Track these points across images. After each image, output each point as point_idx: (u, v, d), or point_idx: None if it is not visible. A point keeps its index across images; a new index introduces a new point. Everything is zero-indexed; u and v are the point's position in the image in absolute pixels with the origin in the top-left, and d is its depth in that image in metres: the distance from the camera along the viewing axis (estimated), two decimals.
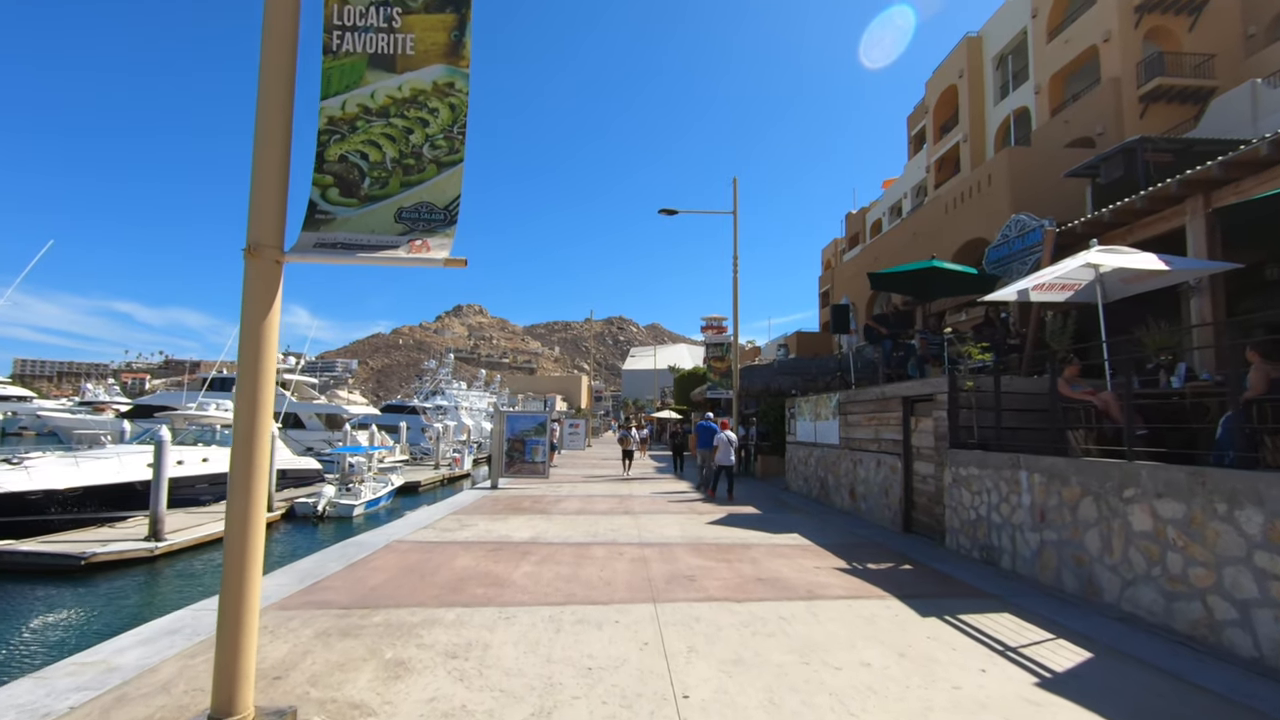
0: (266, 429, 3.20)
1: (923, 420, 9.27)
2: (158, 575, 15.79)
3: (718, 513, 11.58)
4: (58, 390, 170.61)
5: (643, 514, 11.31)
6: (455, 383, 65.66)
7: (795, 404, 15.45)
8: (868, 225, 48.61)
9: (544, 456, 15.75)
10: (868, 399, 11.08)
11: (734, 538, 8.98)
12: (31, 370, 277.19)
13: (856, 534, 9.51)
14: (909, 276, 12.13)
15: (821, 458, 13.35)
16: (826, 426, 13.12)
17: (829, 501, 12.81)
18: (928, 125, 33.84)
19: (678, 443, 22.19)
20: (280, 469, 27.66)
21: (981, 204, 22.10)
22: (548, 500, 13.06)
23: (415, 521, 10.06)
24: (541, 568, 6.92)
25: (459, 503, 12.52)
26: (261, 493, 3.16)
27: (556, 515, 11.01)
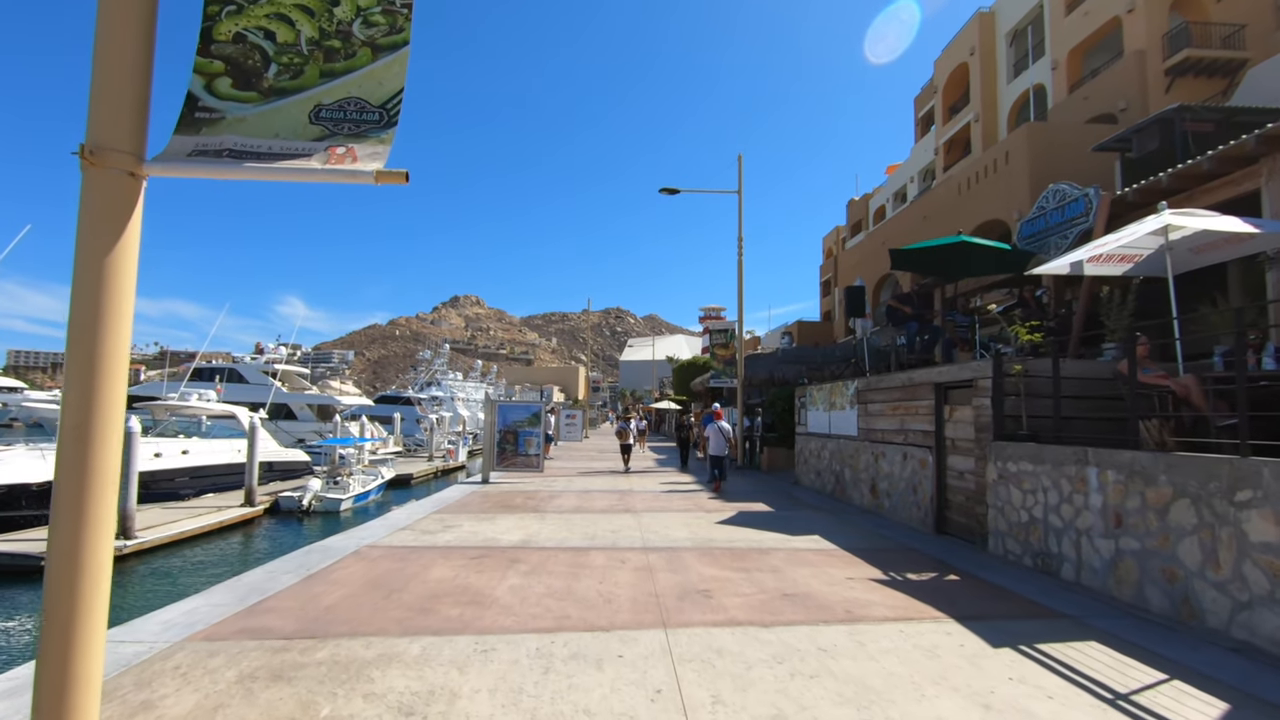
0: (112, 418, 2.19)
1: (959, 409, 8.29)
2: (127, 576, 14.81)
3: (726, 511, 10.61)
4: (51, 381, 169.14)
5: (645, 512, 10.34)
6: (451, 373, 64.62)
7: (806, 393, 14.48)
8: (871, 212, 47.58)
9: (538, 449, 14.77)
10: (892, 386, 10.10)
11: (748, 540, 8.01)
12: (26, 361, 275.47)
13: (883, 536, 8.54)
14: (935, 253, 11.12)
15: (837, 450, 12.38)
16: (843, 417, 12.15)
17: (846, 498, 11.85)
18: (936, 106, 32.73)
19: (684, 435, 20.02)
20: (266, 461, 26.65)
21: (999, 183, 21.06)
22: (542, 496, 12.08)
23: (393, 522, 9.06)
24: (531, 580, 5.94)
25: (445, 499, 11.53)
26: (105, 510, 2.16)
27: (551, 514, 10.03)
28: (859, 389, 11.40)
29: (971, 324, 10.20)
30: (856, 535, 8.54)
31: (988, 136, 27.93)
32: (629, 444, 18.67)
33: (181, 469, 21.64)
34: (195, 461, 22.22)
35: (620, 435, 19.01)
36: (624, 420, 20.05)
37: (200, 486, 22.31)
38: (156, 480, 20.75)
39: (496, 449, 14.81)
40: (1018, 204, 19.37)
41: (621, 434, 18.94)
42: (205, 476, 22.69)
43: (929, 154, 33.77)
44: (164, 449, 21.18)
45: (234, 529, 19.18)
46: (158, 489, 20.87)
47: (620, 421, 20.18)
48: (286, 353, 48.89)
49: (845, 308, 14.13)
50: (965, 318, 10.60)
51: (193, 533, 17.11)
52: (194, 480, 22.24)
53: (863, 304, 14.27)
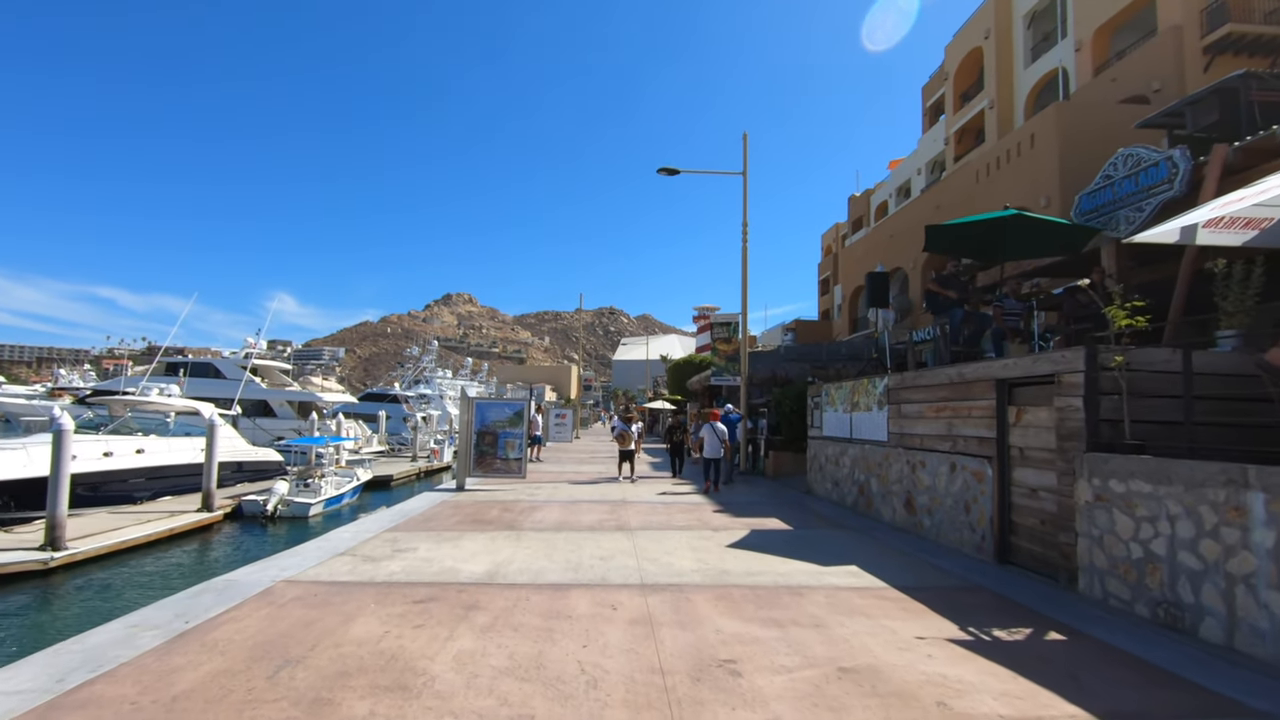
0: None
1: (1031, 411, 6.72)
2: (52, 593, 13.09)
3: (736, 528, 9.01)
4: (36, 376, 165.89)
5: (641, 530, 8.72)
6: (440, 371, 62.74)
7: (822, 391, 12.90)
8: (872, 208, 46.20)
9: (520, 452, 13.12)
10: (935, 384, 8.52)
11: (772, 573, 6.41)
12: (11, 355, 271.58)
13: (935, 566, 6.96)
14: (979, 230, 9.57)
15: (861, 457, 10.80)
16: (868, 419, 10.57)
17: (873, 513, 10.28)
18: (947, 94, 31.25)
19: (677, 439, 17.42)
20: (235, 461, 24.94)
21: (1022, 168, 19.55)
22: (521, 508, 10.45)
23: (334, 544, 7.41)
24: (487, 643, 4.31)
25: (408, 511, 9.88)
26: None
27: (528, 532, 8.40)
28: (890, 387, 9.82)
29: (1028, 310, 8.67)
30: (902, 565, 6.95)
31: (1004, 124, 26.46)
32: (630, 450, 16.01)
33: (136, 469, 19.86)
34: (152, 461, 20.44)
35: (621, 439, 16.33)
36: (625, 421, 17.21)
37: (157, 489, 20.54)
38: (107, 482, 19.00)
39: (473, 451, 13.15)
40: (1046, 189, 17.82)
41: (622, 437, 16.25)
42: (164, 478, 20.92)
43: (938, 144, 32.30)
44: (116, 447, 19.41)
45: (190, 536, 17.46)
46: (109, 491, 19.11)
47: (620, 423, 17.41)
48: (266, 348, 47.05)
49: (865, 295, 12.58)
50: (1017, 303, 9.04)
51: (136, 542, 15.38)
52: (151, 482, 20.47)
53: (886, 292, 12.72)
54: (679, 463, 17.00)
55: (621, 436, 16.28)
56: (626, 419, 17.40)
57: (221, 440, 24.27)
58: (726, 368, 18.01)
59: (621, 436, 16.28)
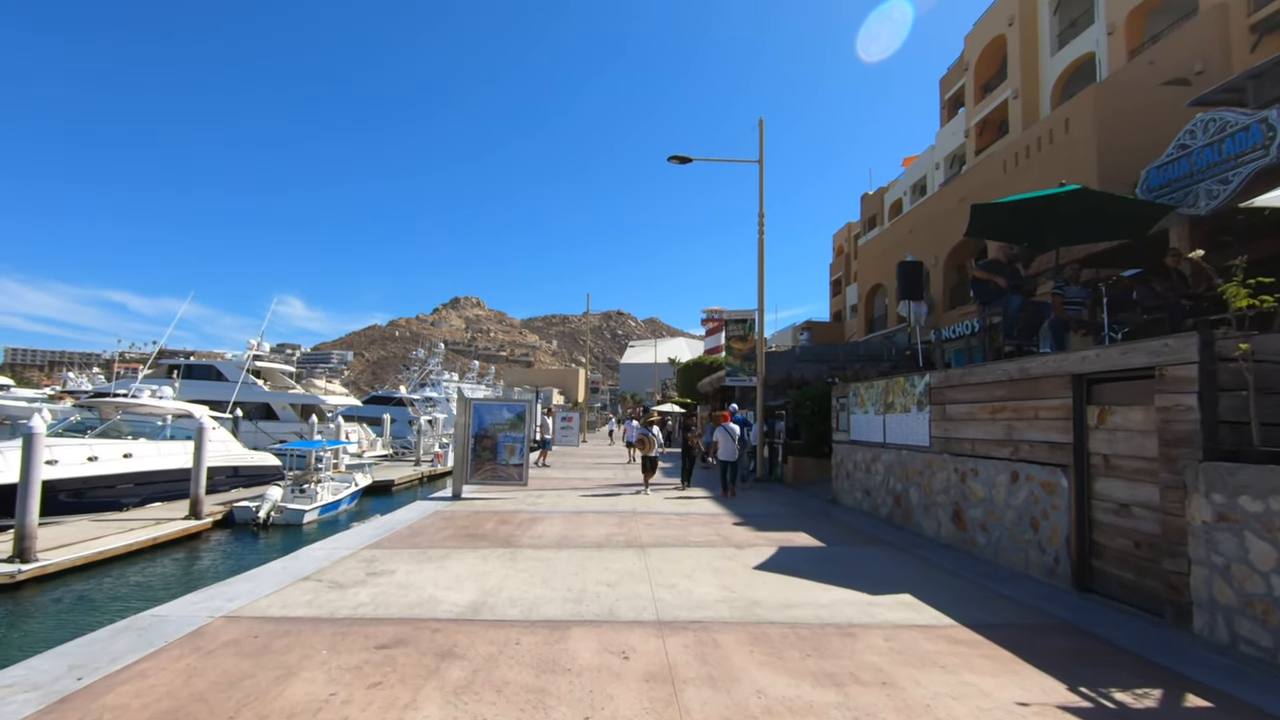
0: None
1: (1120, 412, 5.65)
2: (19, 609, 12.18)
3: (761, 544, 7.96)
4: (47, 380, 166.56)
5: (654, 547, 7.69)
6: (447, 373, 61.92)
7: (849, 391, 11.83)
8: (886, 206, 45.10)
9: (521, 458, 12.12)
10: (989, 381, 7.45)
11: (811, 602, 5.37)
12: (23, 359, 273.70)
13: (1002, 595, 5.89)
14: (1032, 209, 8.50)
15: (897, 464, 9.73)
16: (905, 421, 9.50)
17: (912, 525, 9.20)
18: (967, 85, 30.12)
19: (691, 443, 15.78)
20: (231, 465, 24.11)
21: (1056, 155, 18.42)
22: (520, 520, 9.44)
23: (301, 565, 6.42)
24: (459, 711, 3.30)
25: (394, 523, 8.89)
26: None
27: (526, 549, 7.38)
28: (932, 386, 8.76)
29: (1094, 297, 7.60)
30: (961, 593, 5.89)
31: (1029, 114, 25.32)
32: (653, 456, 14.18)
33: (123, 475, 18.99)
34: (141, 466, 19.57)
35: (641, 444, 14.66)
36: (645, 424, 15.59)
37: (146, 494, 19.66)
38: (92, 488, 18.13)
39: (471, 457, 12.16)
40: (1082, 176, 16.68)
41: (643, 442, 14.57)
42: (153, 483, 20.03)
43: (958, 137, 31.15)
44: (101, 451, 18.54)
45: (176, 545, 16.55)
46: (95, 498, 18.26)
47: (639, 425, 15.67)
48: (269, 348, 46.29)
49: (898, 287, 11.53)
50: (1080, 290, 7.96)
51: (115, 553, 14.47)
52: (140, 488, 19.59)
53: (919, 283, 11.65)
54: (689, 468, 15.34)
55: (642, 441, 14.73)
56: (648, 422, 15.88)
57: (215, 444, 23.47)
58: (741, 368, 16.96)
59: (642, 441, 14.73)
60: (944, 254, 24.66)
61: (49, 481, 16.79)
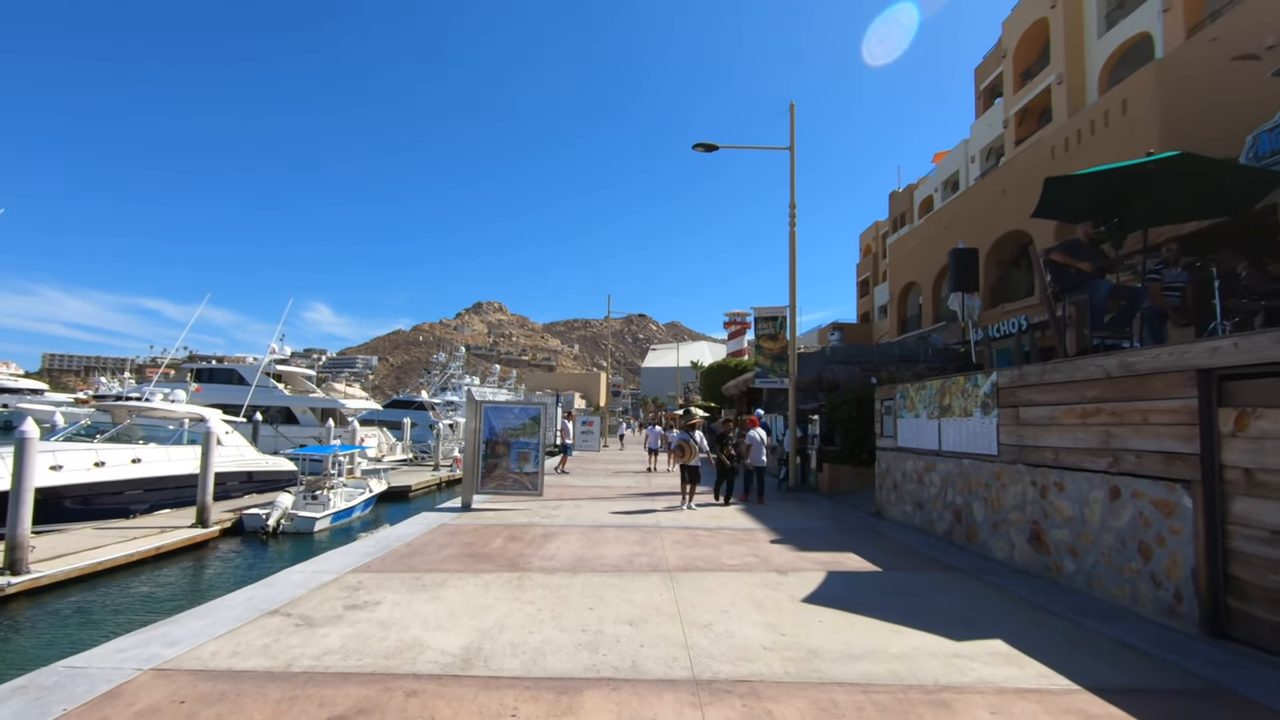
0: None
1: (1269, 416, 4.53)
2: (9, 623, 11.52)
3: (805, 568, 6.90)
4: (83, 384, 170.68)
5: (682, 571, 6.67)
6: (468, 377, 61.48)
7: (895, 393, 10.70)
8: (916, 204, 43.65)
9: (535, 465, 11.18)
10: (1079, 379, 6.32)
11: (882, 651, 4.32)
12: (60, 365, 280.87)
13: (1115, 640, 4.77)
14: (1117, 181, 7.35)
15: (957, 475, 8.60)
16: (966, 426, 8.38)
17: (976, 545, 8.06)
18: (1005, 72, 28.70)
19: (729, 450, 12.71)
20: (245, 471, 23.59)
21: (1112, 139, 17.07)
22: (532, 536, 8.48)
23: (271, 595, 5.52)
24: None
25: (390, 540, 7.98)
26: None
27: (535, 574, 6.41)
28: (1001, 386, 7.63)
29: (1193, 282, 6.44)
30: (1064, 638, 4.78)
31: (1074, 100, 23.89)
32: (695, 465, 11.77)
33: (131, 480, 18.46)
34: (150, 471, 19.04)
35: (681, 452, 11.91)
36: (686, 428, 12.70)
37: (155, 501, 19.13)
38: (99, 494, 17.61)
39: (481, 464, 11.25)
40: None
41: (683, 449, 11.87)
42: (164, 489, 19.49)
43: (995, 128, 29.71)
44: (109, 457, 18.03)
45: (183, 554, 15.92)
46: (102, 504, 17.73)
47: (678, 431, 12.91)
48: (289, 352, 46.12)
49: (950, 277, 10.39)
50: (1179, 273, 6.80)
51: (114, 563, 13.81)
52: (149, 494, 19.06)
53: (974, 272, 10.48)
54: (728, 484, 12.57)
55: (682, 448, 11.92)
56: (689, 425, 12.84)
57: (228, 449, 22.97)
58: (772, 369, 15.88)
59: (682, 448, 11.92)
60: (984, 248, 23.28)
61: (53, 488, 16.33)
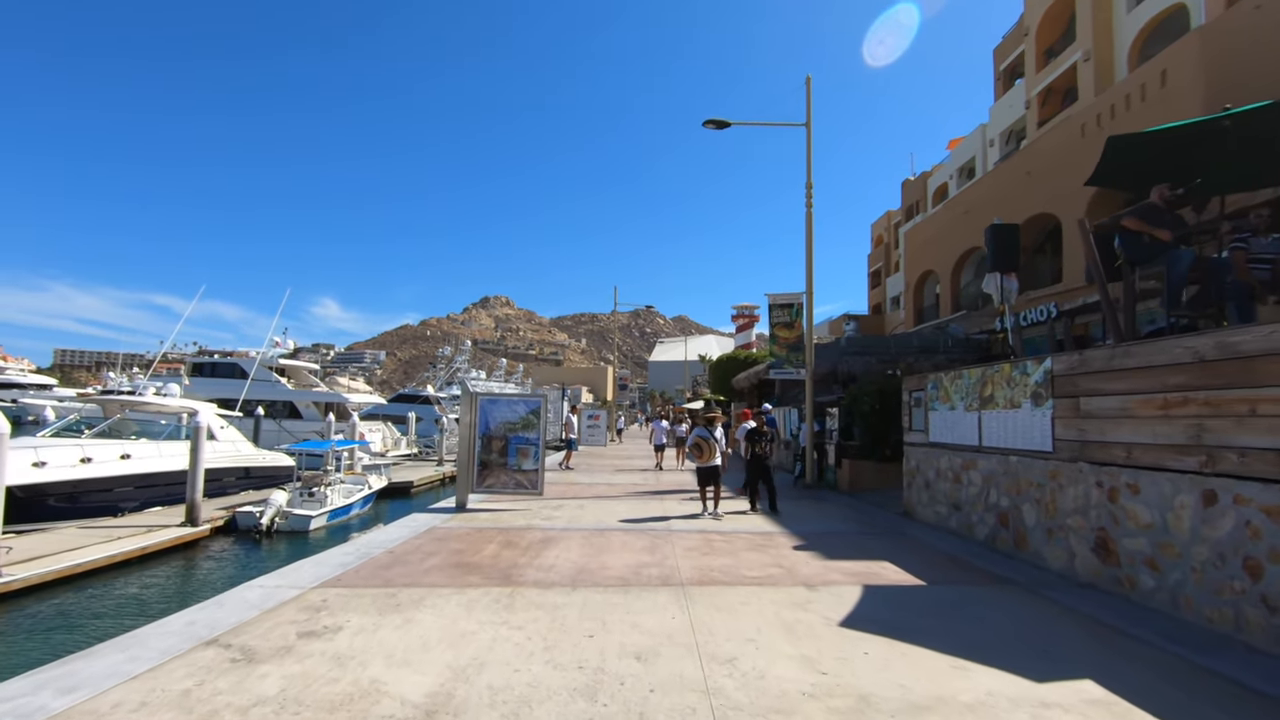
0: None
1: None
2: None
3: (836, 578, 6.04)
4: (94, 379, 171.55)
5: (697, 586, 5.82)
6: (474, 371, 60.86)
7: (927, 383, 9.81)
8: (929, 192, 42.54)
9: (535, 462, 10.37)
10: (1161, 363, 5.42)
11: (951, 699, 3.47)
12: (71, 360, 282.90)
13: (1231, 679, 3.88)
14: (1193, 139, 6.43)
15: (1001, 474, 7.71)
16: (1012, 419, 7.48)
17: (1027, 553, 7.17)
18: (1027, 51, 27.55)
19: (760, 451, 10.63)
20: (242, 466, 22.94)
21: (1150, 112, 16.01)
22: (529, 541, 7.66)
23: (219, 615, 4.71)
24: None
25: (370, 547, 7.17)
26: None
27: (529, 589, 5.58)
28: (1056, 373, 6.73)
29: None
30: (1169, 677, 3.91)
31: (1102, 77, 22.77)
32: (714, 466, 10.03)
33: (121, 477, 17.79)
34: (140, 468, 18.36)
35: (699, 451, 10.09)
36: (705, 422, 10.78)
37: (146, 498, 18.45)
38: (85, 492, 16.93)
39: (477, 462, 10.44)
40: None
41: (700, 448, 10.07)
42: (155, 486, 18.81)
43: (1016, 110, 28.59)
44: (96, 453, 17.36)
45: (174, 553, 15.24)
46: (90, 502, 17.07)
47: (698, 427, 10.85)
48: (293, 345, 45.57)
49: (989, 254, 9.45)
50: (1270, 242, 5.89)
51: (92, 566, 13.11)
52: (140, 490, 18.39)
53: (1015, 250, 9.55)
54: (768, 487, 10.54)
55: (699, 447, 10.09)
56: (708, 419, 10.89)
57: (224, 444, 22.32)
58: (788, 359, 14.98)
59: (699, 447, 10.09)
60: None
61: (36, 485, 15.68)
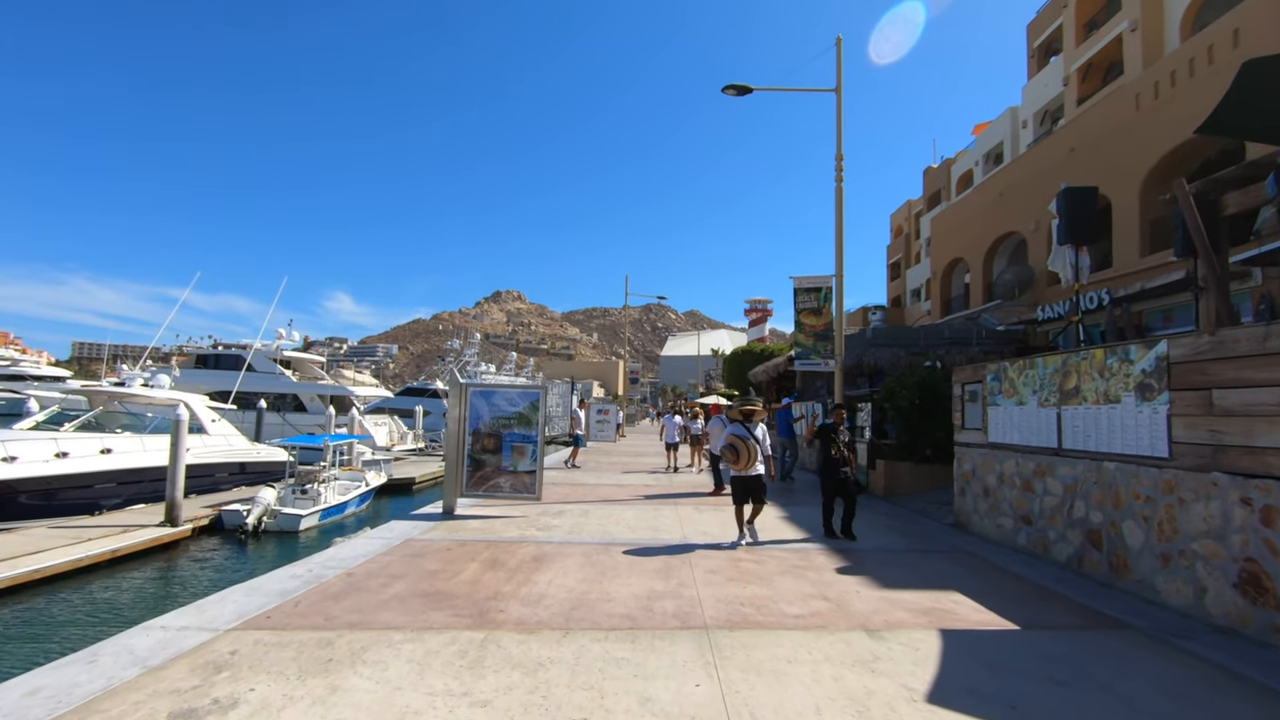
0: None
1: None
2: None
3: (900, 618, 4.73)
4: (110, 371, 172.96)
5: (726, 629, 4.51)
6: (484, 365, 59.81)
7: (988, 375, 8.42)
8: (953, 179, 40.78)
9: (533, 462, 9.10)
10: None
11: None
12: (89, 353, 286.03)
13: None
14: None
15: (1091, 482, 6.33)
16: (1109, 417, 6.11)
17: (1128, 582, 5.81)
18: (1065, 25, 25.84)
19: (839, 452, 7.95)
20: (237, 462, 21.90)
21: (1218, 78, 14.45)
22: (519, 560, 6.38)
23: (87, 675, 3.47)
24: None
25: (331, 565, 5.93)
26: None
27: (508, 635, 4.30)
28: (1175, 359, 5.35)
29: None
30: None
31: (1151, 49, 21.09)
32: (754, 476, 7.48)
33: (100, 473, 16.74)
34: (122, 463, 17.30)
35: (734, 453, 7.49)
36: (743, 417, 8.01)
37: (130, 495, 17.40)
38: (61, 488, 15.89)
39: (467, 461, 9.19)
40: None
41: (737, 449, 7.48)
42: (139, 482, 17.76)
43: (1052, 87, 26.88)
44: (74, 447, 16.32)
45: (153, 555, 14.17)
46: (67, 499, 16.04)
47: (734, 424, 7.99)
48: (300, 338, 44.70)
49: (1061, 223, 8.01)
50: None
51: (57, 570, 12.03)
52: (122, 487, 17.34)
53: (1092, 218, 8.14)
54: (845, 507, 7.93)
55: (734, 449, 7.46)
56: (746, 412, 7.98)
57: (215, 438, 21.28)
58: (814, 348, 13.61)
59: (734, 449, 7.46)
60: (1047, 219, 20.66)
61: (5, 481, 14.68)
